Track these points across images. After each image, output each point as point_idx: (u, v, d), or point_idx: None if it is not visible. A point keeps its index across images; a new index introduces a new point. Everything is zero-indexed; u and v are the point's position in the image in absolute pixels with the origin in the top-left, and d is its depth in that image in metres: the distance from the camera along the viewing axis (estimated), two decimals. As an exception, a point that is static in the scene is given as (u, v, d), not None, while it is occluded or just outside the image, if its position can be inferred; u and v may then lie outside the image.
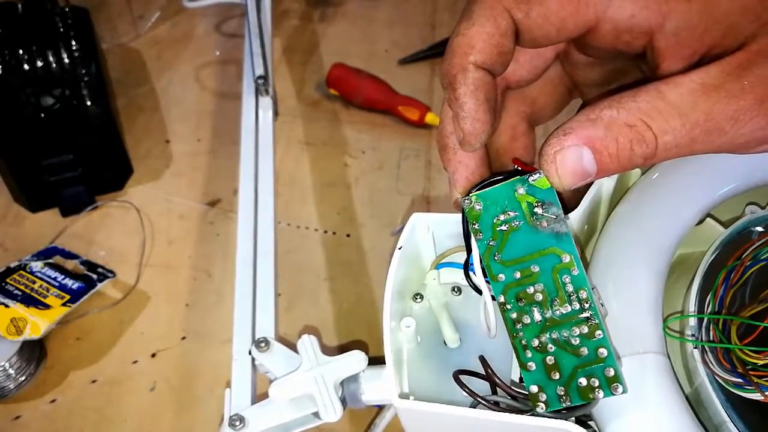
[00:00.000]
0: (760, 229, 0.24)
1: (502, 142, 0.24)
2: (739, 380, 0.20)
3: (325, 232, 0.50)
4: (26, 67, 0.52)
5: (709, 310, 0.22)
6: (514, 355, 0.21)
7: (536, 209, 0.20)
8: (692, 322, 0.22)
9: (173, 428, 0.39)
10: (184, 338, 0.43)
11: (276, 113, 0.50)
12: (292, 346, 0.32)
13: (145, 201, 0.51)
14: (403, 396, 0.24)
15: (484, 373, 0.23)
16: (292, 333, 0.43)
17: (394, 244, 0.27)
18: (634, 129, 0.18)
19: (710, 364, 0.21)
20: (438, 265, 0.29)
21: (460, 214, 0.22)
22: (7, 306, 0.40)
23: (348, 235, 0.49)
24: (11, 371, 0.39)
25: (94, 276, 0.45)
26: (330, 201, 0.52)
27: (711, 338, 0.22)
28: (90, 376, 0.42)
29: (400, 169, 0.54)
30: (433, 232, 0.28)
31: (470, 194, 0.21)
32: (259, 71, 0.49)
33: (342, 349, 0.39)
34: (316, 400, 0.28)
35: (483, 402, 0.23)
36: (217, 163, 0.55)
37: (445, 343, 0.27)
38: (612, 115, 0.18)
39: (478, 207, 0.21)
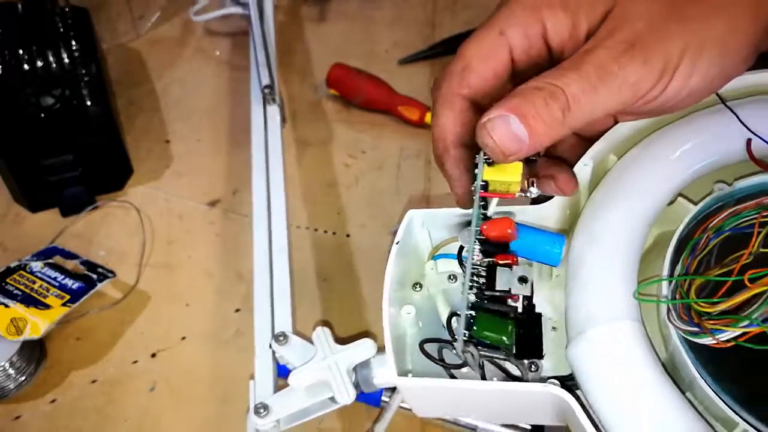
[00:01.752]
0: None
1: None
2: (696, 329, 0.23)
3: (325, 231, 0.50)
4: (26, 67, 0.52)
5: (673, 279, 0.25)
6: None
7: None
8: (664, 291, 0.25)
9: (173, 428, 0.39)
10: (184, 338, 0.43)
11: (284, 120, 0.52)
12: (307, 340, 0.34)
13: (145, 201, 0.51)
14: (402, 374, 0.26)
15: (445, 340, 0.27)
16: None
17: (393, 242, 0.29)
18: (543, 89, 0.22)
19: (673, 321, 0.24)
20: (435, 256, 0.31)
21: (453, 209, 0.27)
22: (7, 306, 0.40)
23: (348, 235, 0.49)
24: (11, 371, 0.39)
25: (94, 276, 0.45)
26: (330, 201, 0.52)
27: (675, 298, 0.25)
28: (90, 376, 0.42)
29: (400, 169, 0.54)
30: (428, 226, 0.30)
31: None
32: (265, 81, 0.51)
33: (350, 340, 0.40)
34: (332, 385, 0.30)
35: (443, 365, 0.26)
36: (217, 163, 0.55)
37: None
38: (523, 87, 0.23)
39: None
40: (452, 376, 0.27)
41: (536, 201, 0.28)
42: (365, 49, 0.65)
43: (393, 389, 0.38)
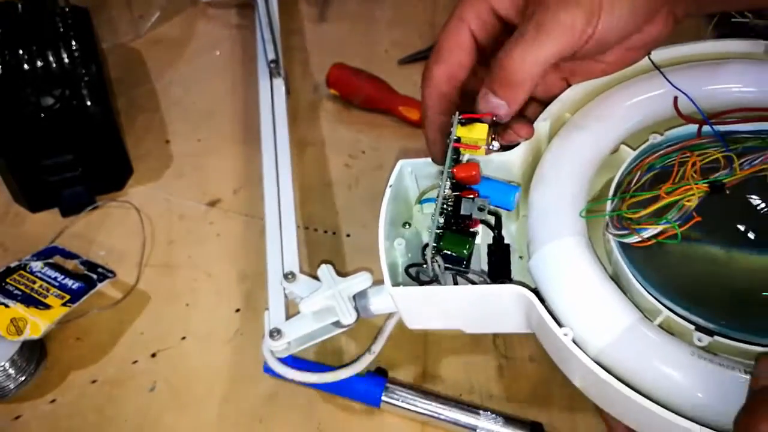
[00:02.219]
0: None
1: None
2: (626, 231, 0.30)
3: (325, 231, 0.50)
4: (26, 67, 0.52)
5: (614, 202, 0.31)
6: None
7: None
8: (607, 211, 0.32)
9: (173, 428, 0.39)
10: (184, 338, 0.43)
11: (288, 91, 0.56)
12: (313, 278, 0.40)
13: (145, 201, 0.51)
14: (396, 285, 0.32)
15: (421, 264, 0.33)
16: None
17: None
18: (502, 60, 0.28)
19: (610, 230, 0.31)
20: (421, 201, 0.37)
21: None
22: (7, 306, 0.40)
23: (348, 235, 0.49)
24: (11, 371, 0.39)
25: (94, 276, 0.45)
26: (330, 201, 0.52)
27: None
28: (90, 376, 0.42)
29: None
30: (415, 174, 0.37)
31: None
32: (271, 56, 0.56)
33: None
34: (336, 310, 0.36)
35: (419, 282, 0.33)
36: (217, 163, 0.55)
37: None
38: (491, 65, 0.29)
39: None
40: None
41: (505, 149, 0.34)
42: (365, 49, 0.65)
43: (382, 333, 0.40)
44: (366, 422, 0.39)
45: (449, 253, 0.31)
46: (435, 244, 0.31)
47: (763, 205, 0.30)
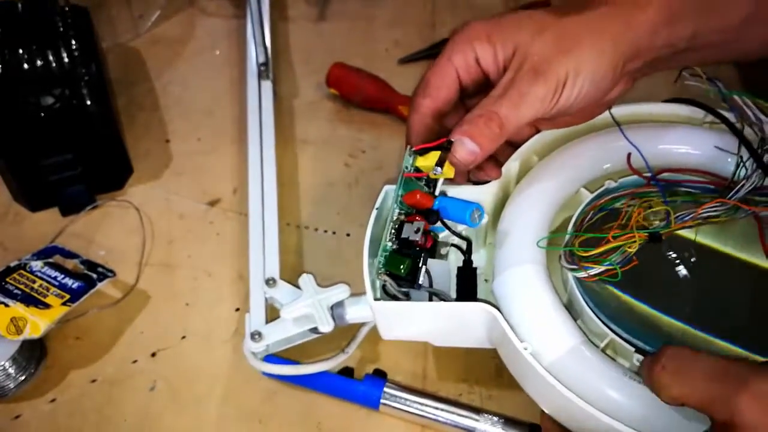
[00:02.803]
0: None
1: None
2: (575, 266, 0.34)
3: (325, 231, 0.50)
4: (26, 66, 0.52)
5: (568, 237, 0.36)
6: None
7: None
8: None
9: (173, 428, 0.39)
10: (183, 338, 0.43)
11: (275, 93, 0.57)
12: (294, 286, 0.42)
13: (145, 200, 0.51)
14: (376, 299, 0.35)
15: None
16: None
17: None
18: (483, 115, 0.32)
19: (563, 263, 0.35)
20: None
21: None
22: (6, 305, 0.40)
23: (348, 235, 0.49)
24: (11, 370, 0.39)
25: (94, 275, 0.45)
26: (330, 200, 0.52)
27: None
28: (90, 375, 0.42)
29: (400, 169, 0.54)
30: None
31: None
32: (261, 59, 0.57)
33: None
34: (315, 318, 0.38)
35: (390, 297, 0.35)
36: (217, 162, 0.55)
37: None
38: (469, 115, 0.33)
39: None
40: None
41: (477, 184, 0.39)
42: (365, 49, 0.65)
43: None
44: (366, 422, 0.39)
45: (390, 271, 0.34)
46: (381, 264, 0.35)
47: (683, 269, 0.35)
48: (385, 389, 0.39)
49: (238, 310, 0.45)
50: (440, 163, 0.33)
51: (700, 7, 0.33)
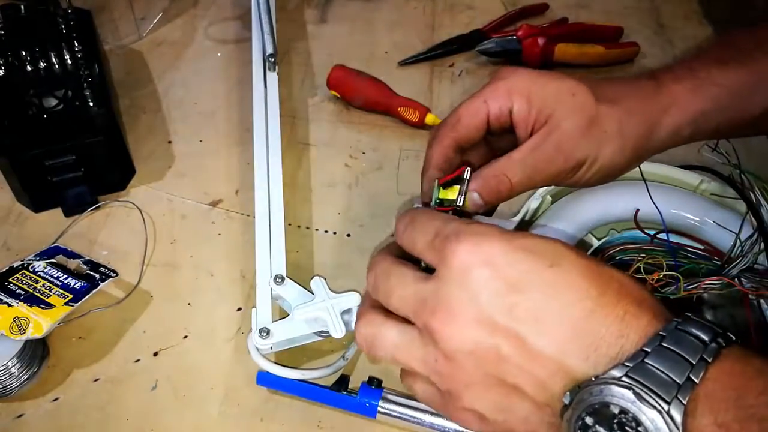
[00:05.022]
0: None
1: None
2: None
3: (326, 231, 0.50)
4: (29, 68, 0.53)
5: None
6: None
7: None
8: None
9: (175, 427, 0.40)
10: (185, 337, 0.44)
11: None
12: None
13: (148, 201, 0.52)
14: None
15: None
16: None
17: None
18: (496, 177, 0.33)
19: None
20: None
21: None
22: (10, 305, 0.40)
23: (348, 235, 0.50)
24: (14, 370, 0.40)
25: (97, 275, 0.45)
26: (331, 201, 0.52)
27: None
28: (92, 374, 0.42)
29: (400, 170, 0.55)
30: None
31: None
32: (269, 50, 0.57)
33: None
34: (327, 322, 0.38)
35: None
36: (219, 163, 0.55)
37: None
38: (486, 172, 0.34)
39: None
40: None
41: (487, 213, 0.38)
42: (365, 51, 0.65)
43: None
44: (366, 421, 0.39)
45: None
46: None
47: None
48: (381, 403, 0.38)
49: (239, 309, 0.45)
50: (461, 193, 0.34)
51: (723, 105, 0.35)
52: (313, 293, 0.40)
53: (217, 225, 0.50)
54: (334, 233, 0.50)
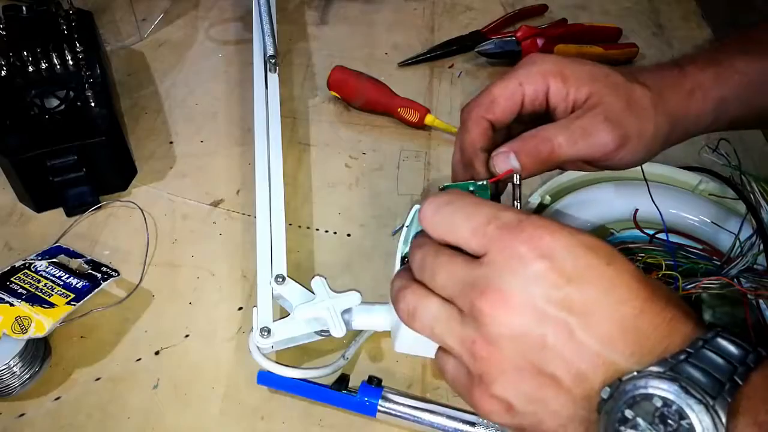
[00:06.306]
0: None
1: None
2: None
3: (326, 231, 0.50)
4: (31, 69, 0.53)
5: None
6: None
7: None
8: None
9: (176, 425, 0.40)
10: (187, 336, 0.44)
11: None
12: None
13: (149, 201, 0.52)
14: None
15: None
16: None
17: (394, 243, 0.33)
18: (536, 137, 0.33)
19: None
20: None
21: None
22: (12, 305, 0.40)
23: (348, 235, 0.50)
24: (16, 369, 0.40)
25: (99, 275, 0.45)
26: (331, 201, 0.52)
27: None
28: (94, 373, 0.42)
29: (400, 170, 0.55)
30: None
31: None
32: (270, 51, 0.57)
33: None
34: (328, 322, 0.38)
35: None
36: (220, 163, 0.55)
37: None
38: (524, 134, 0.33)
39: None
40: None
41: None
42: (365, 52, 0.66)
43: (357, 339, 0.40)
44: (366, 420, 0.40)
45: None
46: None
47: None
48: (381, 402, 0.38)
49: (240, 309, 0.45)
50: (516, 199, 0.33)
51: (742, 94, 0.35)
52: (313, 293, 0.40)
53: (218, 225, 0.51)
54: (335, 233, 0.50)
